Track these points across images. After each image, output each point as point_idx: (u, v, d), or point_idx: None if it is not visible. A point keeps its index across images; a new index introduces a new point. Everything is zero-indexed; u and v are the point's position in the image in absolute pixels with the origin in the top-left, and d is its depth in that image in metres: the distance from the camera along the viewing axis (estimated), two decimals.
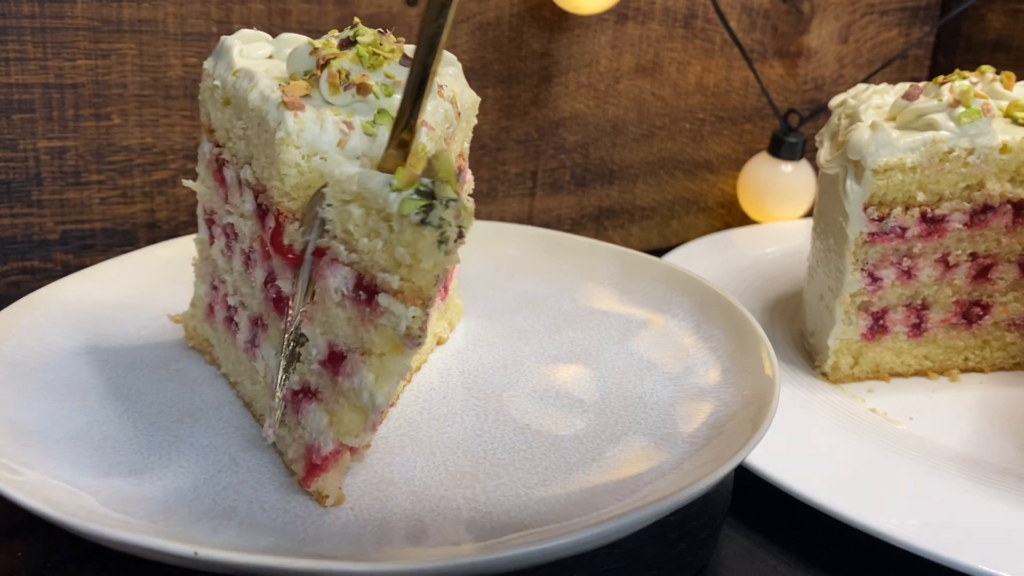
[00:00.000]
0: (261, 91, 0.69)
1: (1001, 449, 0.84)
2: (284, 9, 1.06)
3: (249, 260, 0.75)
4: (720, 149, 1.39)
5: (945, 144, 0.89)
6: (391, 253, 0.59)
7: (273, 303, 0.72)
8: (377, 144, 0.67)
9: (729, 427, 0.72)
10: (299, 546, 0.62)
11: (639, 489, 0.67)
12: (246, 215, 0.74)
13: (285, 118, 0.66)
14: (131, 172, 1.06)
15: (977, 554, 0.68)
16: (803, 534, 0.76)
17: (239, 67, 0.73)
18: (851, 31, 1.43)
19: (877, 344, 0.95)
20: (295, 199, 0.68)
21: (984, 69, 0.96)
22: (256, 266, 0.74)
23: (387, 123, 0.67)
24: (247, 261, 0.76)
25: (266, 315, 0.74)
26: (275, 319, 0.72)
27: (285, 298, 0.70)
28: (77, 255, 1.06)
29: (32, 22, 0.97)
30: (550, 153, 1.28)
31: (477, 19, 1.17)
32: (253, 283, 0.75)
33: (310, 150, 0.66)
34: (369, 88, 0.68)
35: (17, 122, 1.00)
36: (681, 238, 1.39)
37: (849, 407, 0.90)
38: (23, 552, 0.67)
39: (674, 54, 1.30)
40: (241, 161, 0.74)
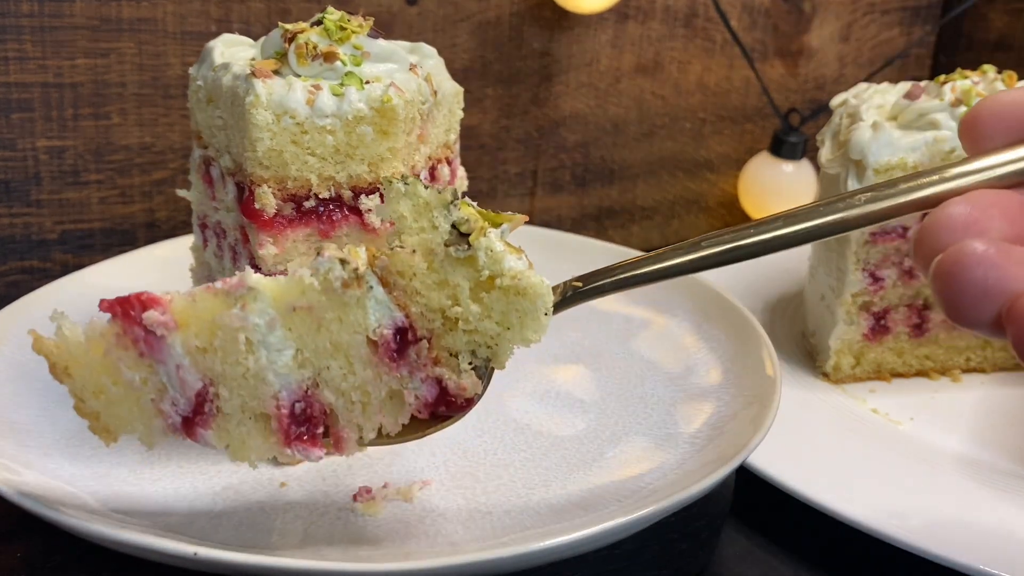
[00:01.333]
0: (234, 73, 0.72)
1: (1003, 449, 0.84)
2: (284, 8, 1.06)
3: (236, 254, 0.76)
4: (721, 149, 1.39)
5: (947, 143, 0.89)
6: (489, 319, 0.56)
7: None
8: (346, 103, 0.70)
9: (730, 427, 0.72)
10: (298, 546, 0.62)
11: (640, 490, 0.67)
12: (229, 206, 0.75)
13: (254, 84, 0.68)
14: (130, 171, 1.05)
15: (979, 554, 0.68)
16: (804, 535, 0.76)
17: (219, 63, 0.75)
18: (852, 30, 1.42)
19: (878, 344, 0.95)
20: (267, 167, 0.69)
21: (986, 68, 0.96)
22: (241, 258, 0.75)
23: (355, 84, 0.70)
24: (234, 256, 0.76)
25: None
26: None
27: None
28: (76, 255, 1.05)
29: (31, 21, 0.97)
30: (550, 152, 1.27)
31: (477, 18, 1.17)
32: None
33: (280, 109, 0.68)
34: (336, 55, 0.70)
35: (16, 121, 0.99)
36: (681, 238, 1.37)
37: (850, 407, 0.90)
38: (22, 552, 0.67)
39: (675, 53, 1.30)
40: (221, 151, 0.75)
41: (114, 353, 0.55)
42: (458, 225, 0.54)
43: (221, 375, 0.55)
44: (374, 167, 0.72)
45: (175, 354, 0.54)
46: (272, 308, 0.54)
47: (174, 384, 0.55)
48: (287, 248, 0.72)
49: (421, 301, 0.55)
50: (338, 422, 0.57)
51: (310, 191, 0.72)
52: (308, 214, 0.72)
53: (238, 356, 0.54)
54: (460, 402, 0.57)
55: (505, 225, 0.56)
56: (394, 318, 0.55)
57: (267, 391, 0.55)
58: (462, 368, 0.56)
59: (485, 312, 0.55)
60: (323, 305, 0.55)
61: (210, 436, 0.56)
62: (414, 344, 0.56)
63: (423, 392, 0.56)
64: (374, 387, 0.56)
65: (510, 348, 0.56)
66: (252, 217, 0.71)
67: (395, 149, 0.71)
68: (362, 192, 0.72)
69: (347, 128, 0.70)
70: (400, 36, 1.06)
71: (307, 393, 0.56)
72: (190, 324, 0.55)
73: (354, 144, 0.71)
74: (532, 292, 0.54)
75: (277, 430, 0.56)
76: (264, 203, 0.70)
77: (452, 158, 0.84)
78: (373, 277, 0.55)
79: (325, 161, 0.71)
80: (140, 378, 0.55)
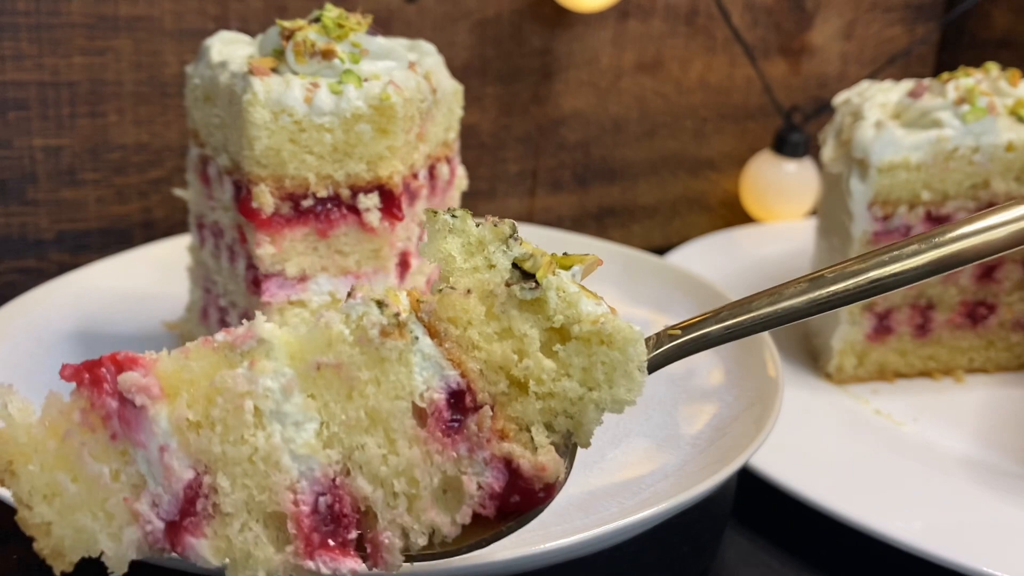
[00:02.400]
0: (231, 71, 0.72)
1: (1006, 450, 0.83)
2: (281, 6, 1.05)
3: (232, 253, 0.76)
4: (722, 147, 1.38)
5: (950, 142, 0.88)
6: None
7: (253, 286, 0.72)
8: (344, 101, 0.69)
9: (732, 429, 0.71)
10: None
11: (641, 492, 0.66)
12: (226, 205, 0.75)
13: (252, 82, 0.68)
14: (127, 171, 1.05)
15: (982, 556, 0.67)
16: (807, 537, 0.75)
17: (216, 61, 0.74)
18: (855, 28, 1.42)
19: (882, 345, 0.94)
20: (265, 166, 0.69)
21: (989, 66, 0.95)
22: (238, 257, 0.75)
23: (354, 82, 0.69)
24: (231, 255, 0.76)
25: (252, 308, 0.74)
26: (258, 305, 0.73)
27: (262, 278, 0.71)
28: (73, 254, 1.05)
29: (27, 19, 0.96)
30: (551, 151, 1.27)
31: (477, 16, 1.16)
32: (237, 275, 0.76)
33: (278, 107, 0.68)
34: (334, 53, 0.70)
35: (12, 120, 0.99)
36: (683, 237, 1.38)
37: (853, 408, 0.89)
38: (19, 555, 0.67)
39: (676, 51, 1.29)
40: (218, 149, 0.75)
41: (76, 437, 0.42)
42: (520, 263, 0.44)
43: (220, 460, 0.43)
44: (373, 166, 0.71)
45: (159, 432, 0.42)
46: (289, 366, 0.43)
47: (156, 474, 0.42)
48: (285, 247, 0.72)
49: (480, 356, 0.44)
50: (377, 523, 0.43)
51: (308, 190, 0.71)
52: (306, 213, 0.72)
53: (243, 432, 0.42)
54: (538, 490, 0.44)
55: (577, 267, 0.46)
56: (446, 378, 0.43)
57: (282, 481, 0.43)
58: (537, 443, 0.44)
59: (562, 369, 0.44)
60: (356, 362, 0.43)
61: (203, 547, 0.43)
62: (473, 412, 0.43)
63: (488, 478, 0.43)
64: (423, 473, 0.43)
65: (597, 415, 0.45)
66: (249, 216, 0.70)
67: (394, 148, 0.71)
68: (361, 191, 0.72)
69: (345, 126, 0.70)
70: (399, 33, 1.05)
71: (335, 483, 0.43)
72: (181, 390, 0.43)
73: (352, 142, 0.70)
74: (620, 339, 0.44)
75: (296, 536, 0.43)
76: (262, 202, 0.70)
77: (452, 157, 0.83)
78: (419, 325, 0.43)
79: (323, 160, 0.71)
80: (111, 470, 0.42)
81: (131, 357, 0.43)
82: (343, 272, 0.73)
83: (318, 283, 0.73)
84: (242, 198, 0.71)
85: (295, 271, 0.72)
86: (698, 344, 0.48)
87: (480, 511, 0.44)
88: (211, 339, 0.44)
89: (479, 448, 0.43)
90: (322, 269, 0.73)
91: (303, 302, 0.73)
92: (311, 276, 0.73)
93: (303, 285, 0.73)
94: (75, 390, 0.43)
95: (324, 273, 0.73)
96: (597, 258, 0.46)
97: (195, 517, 0.43)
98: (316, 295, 0.73)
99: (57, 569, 0.43)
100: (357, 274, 0.74)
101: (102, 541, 0.42)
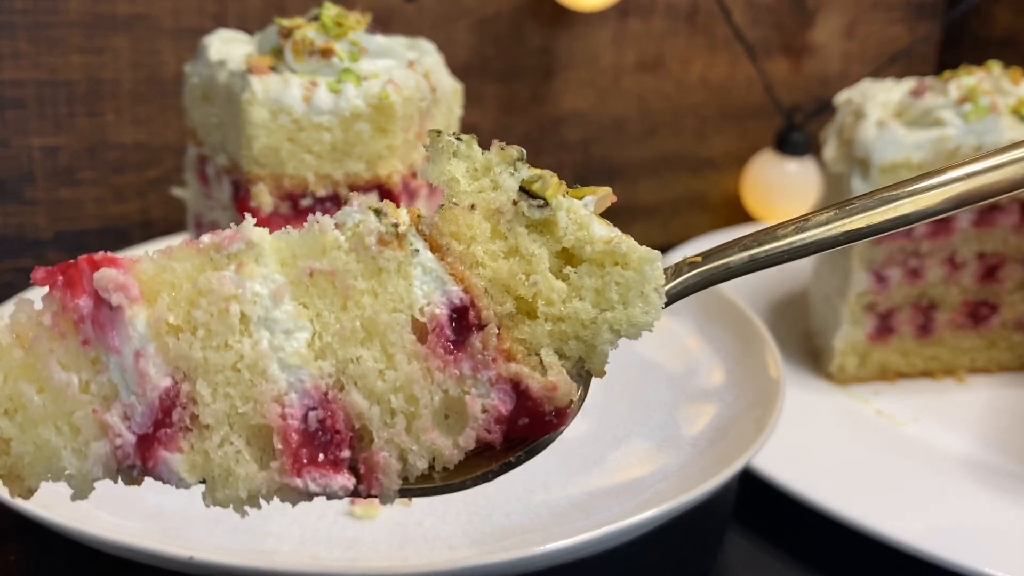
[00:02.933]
0: (230, 70, 0.71)
1: (1008, 451, 0.83)
2: (280, 4, 1.05)
3: None
4: (723, 146, 1.38)
5: (952, 141, 0.88)
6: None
7: None
8: (343, 100, 0.68)
9: (733, 430, 0.71)
10: (295, 550, 0.61)
11: (642, 493, 0.66)
12: (225, 205, 0.75)
13: (250, 81, 0.68)
14: (125, 170, 1.05)
15: (983, 557, 0.67)
16: (808, 537, 0.75)
17: (214, 60, 0.74)
18: (856, 27, 1.41)
19: (883, 345, 0.94)
20: (263, 165, 0.69)
21: (991, 65, 0.95)
22: None
23: (353, 81, 0.69)
24: None
25: None
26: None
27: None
28: (71, 254, 1.04)
29: (25, 18, 0.96)
30: (551, 151, 1.26)
31: (476, 14, 1.16)
32: None
33: (276, 106, 0.68)
34: (333, 52, 0.70)
35: (10, 119, 0.98)
36: (684, 236, 1.37)
37: (855, 409, 0.89)
38: (16, 556, 0.66)
39: (677, 50, 1.29)
40: (217, 148, 0.74)
41: (44, 344, 0.38)
42: (528, 185, 0.42)
43: (201, 366, 0.39)
44: (372, 165, 0.71)
45: (136, 335, 0.38)
46: (280, 272, 0.40)
47: (130, 382, 0.38)
48: None
49: (485, 274, 0.41)
50: (372, 442, 0.40)
51: (307, 189, 0.71)
52: (305, 212, 0.72)
53: (228, 337, 0.39)
54: (548, 413, 0.40)
55: (589, 198, 0.43)
56: (448, 293, 0.40)
57: (268, 391, 0.39)
58: (547, 363, 0.40)
59: (573, 291, 0.41)
60: (351, 270, 0.40)
61: (178, 462, 0.39)
62: (477, 330, 0.40)
63: (494, 400, 0.40)
64: (423, 390, 0.40)
65: (611, 338, 0.41)
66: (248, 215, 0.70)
67: (393, 147, 0.71)
68: (360, 190, 0.71)
69: (344, 125, 0.69)
70: (398, 32, 1.05)
71: (327, 397, 0.40)
72: (161, 293, 0.39)
73: (351, 142, 0.70)
74: (636, 258, 0.41)
75: (282, 451, 0.39)
76: (260, 201, 0.70)
77: None
78: (419, 238, 0.40)
79: (322, 159, 0.70)
80: (80, 380, 0.39)
81: (109, 257, 0.39)
82: None
83: None
84: (241, 197, 0.71)
85: None
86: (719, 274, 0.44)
87: (485, 436, 0.40)
88: (196, 241, 0.40)
89: (484, 368, 0.40)
90: None
91: None
92: None
93: None
94: (47, 294, 0.39)
95: None
96: (610, 191, 0.43)
97: (170, 429, 0.39)
98: None
99: (13, 494, 0.39)
100: None
101: (66, 458, 0.39)
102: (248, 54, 0.74)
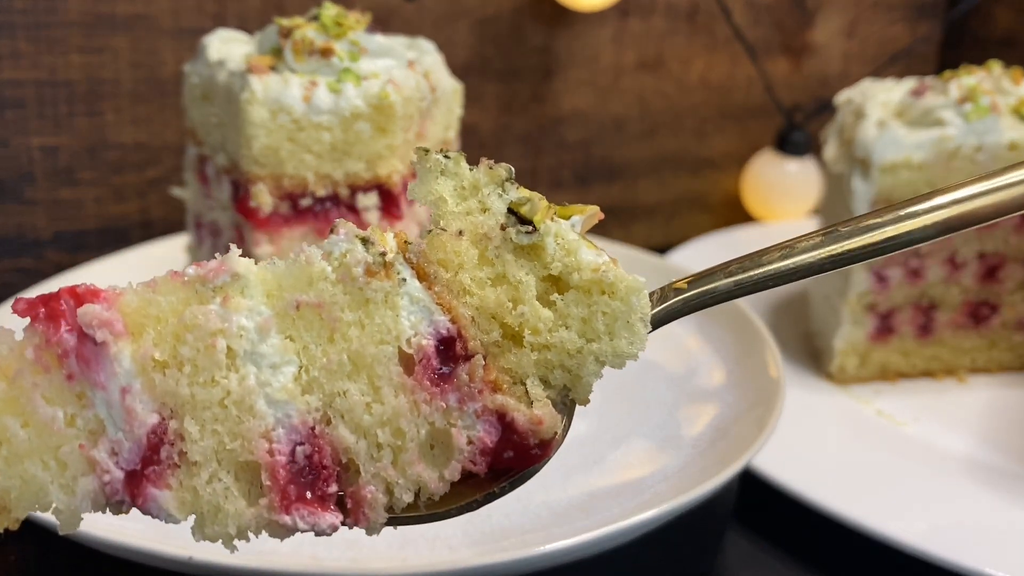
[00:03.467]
0: (229, 70, 0.71)
1: (1008, 451, 0.83)
2: (279, 4, 1.05)
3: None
4: (724, 146, 1.38)
5: (953, 141, 0.88)
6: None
7: None
8: (343, 100, 0.68)
9: (733, 430, 0.71)
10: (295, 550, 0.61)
11: (641, 493, 0.66)
12: (224, 205, 0.75)
13: (250, 80, 0.68)
14: (124, 170, 1.04)
15: (984, 557, 0.67)
16: (808, 537, 0.75)
17: (214, 60, 0.74)
18: (857, 27, 1.41)
19: (884, 345, 0.94)
20: (263, 165, 0.69)
21: (992, 65, 0.95)
22: None
23: (352, 81, 0.69)
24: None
25: None
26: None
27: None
28: (70, 254, 1.04)
29: (24, 17, 0.96)
30: (551, 150, 1.26)
31: (476, 14, 1.16)
32: None
33: (276, 106, 0.68)
34: (332, 51, 0.70)
35: (9, 119, 0.98)
36: (684, 236, 1.37)
37: (855, 409, 0.88)
38: (16, 557, 0.66)
39: (677, 50, 1.29)
40: (216, 148, 0.74)
41: (28, 377, 0.38)
42: (516, 207, 0.41)
43: (188, 403, 0.39)
44: (372, 165, 0.71)
45: (121, 372, 0.38)
46: (266, 304, 0.40)
47: (117, 419, 0.38)
48: (283, 247, 0.71)
49: (472, 302, 0.41)
50: (359, 476, 0.40)
51: (306, 189, 0.71)
52: (304, 212, 0.71)
53: (214, 373, 0.39)
54: (533, 446, 0.40)
55: (576, 217, 0.43)
56: (436, 323, 0.40)
57: (256, 427, 0.39)
58: (533, 395, 0.40)
59: (559, 319, 0.41)
60: (338, 302, 0.40)
61: (167, 499, 0.39)
62: (464, 361, 0.40)
63: (479, 432, 0.40)
64: (410, 423, 0.40)
65: (596, 369, 0.41)
66: (247, 215, 0.70)
67: (393, 146, 0.71)
68: (359, 190, 0.71)
69: (344, 125, 0.69)
70: (398, 32, 1.05)
71: (314, 432, 0.40)
72: (146, 327, 0.39)
73: (351, 141, 0.70)
74: (623, 288, 0.41)
75: (270, 488, 0.39)
76: (260, 201, 0.69)
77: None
78: (406, 267, 0.40)
79: (322, 158, 0.70)
80: (65, 414, 0.38)
81: (92, 290, 0.38)
82: None
83: None
84: (240, 197, 0.71)
85: None
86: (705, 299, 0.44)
87: (471, 468, 0.40)
88: (180, 272, 0.40)
89: (470, 399, 0.40)
90: None
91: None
92: None
93: None
94: (28, 326, 0.38)
95: None
96: (597, 210, 0.43)
97: (159, 466, 0.39)
98: None
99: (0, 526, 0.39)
100: None
101: (53, 493, 0.39)
102: (248, 54, 0.74)
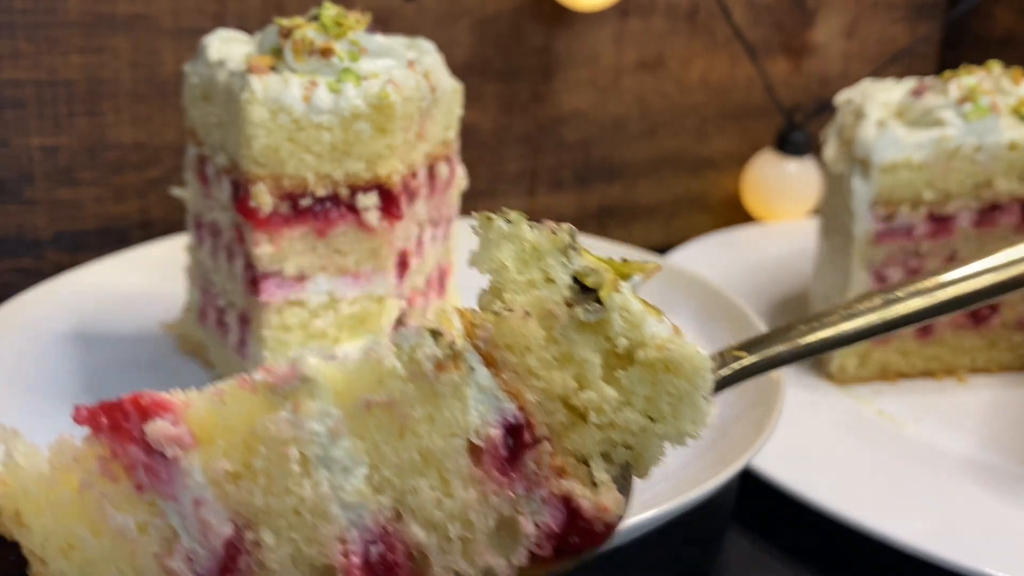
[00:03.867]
0: (229, 70, 0.71)
1: (1009, 451, 0.82)
2: (279, 4, 1.05)
3: (231, 253, 0.76)
4: (724, 146, 1.38)
5: (953, 141, 0.88)
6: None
7: (251, 285, 0.72)
8: (343, 100, 0.68)
9: (733, 430, 0.71)
10: None
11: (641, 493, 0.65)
12: (224, 205, 0.75)
13: (250, 80, 0.68)
14: (124, 170, 1.04)
15: (984, 557, 0.67)
16: (808, 538, 0.75)
17: (214, 60, 0.74)
18: (856, 26, 1.41)
19: (884, 345, 0.94)
20: (263, 165, 0.69)
21: (992, 65, 0.95)
22: (236, 256, 0.74)
23: (352, 81, 0.69)
24: (229, 255, 0.76)
25: (250, 308, 0.74)
26: (256, 305, 0.72)
27: (260, 277, 0.70)
28: (70, 254, 1.04)
29: (24, 17, 0.96)
30: (551, 150, 1.26)
31: (476, 14, 1.15)
32: (235, 275, 0.75)
33: (276, 106, 0.68)
34: (332, 51, 0.70)
35: (9, 119, 0.98)
36: (684, 236, 1.37)
37: (855, 409, 0.88)
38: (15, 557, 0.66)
39: (677, 50, 1.29)
40: (216, 148, 0.74)
41: (97, 488, 0.39)
42: (581, 277, 0.41)
43: (263, 512, 0.39)
44: (372, 165, 0.71)
45: (193, 484, 0.39)
46: (336, 406, 0.39)
47: (191, 529, 0.39)
48: (283, 247, 0.71)
49: (538, 386, 0.40)
50: (430, 569, 0.40)
51: (307, 189, 0.71)
52: (304, 212, 0.71)
53: (288, 482, 0.39)
54: (598, 529, 0.40)
55: (636, 276, 0.42)
56: (503, 411, 0.40)
57: (330, 531, 0.39)
58: (598, 479, 0.40)
59: (624, 397, 0.40)
60: (409, 398, 0.40)
61: None
62: (532, 448, 0.40)
63: (546, 517, 0.40)
64: (479, 515, 0.40)
65: (659, 448, 0.41)
66: (247, 215, 0.70)
67: (393, 147, 0.71)
68: (359, 190, 0.71)
69: (344, 125, 0.69)
70: (398, 32, 1.04)
71: (386, 530, 0.40)
72: (216, 438, 0.39)
73: (351, 141, 0.70)
74: (688, 367, 0.40)
75: None
76: (260, 201, 0.69)
77: (451, 156, 0.83)
78: (474, 355, 0.40)
79: (322, 159, 0.70)
80: (137, 523, 0.39)
81: (157, 401, 0.38)
82: (341, 272, 0.73)
83: (316, 283, 0.73)
84: (240, 197, 0.71)
85: (293, 271, 0.72)
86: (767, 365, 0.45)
87: (536, 551, 0.40)
88: (248, 379, 0.40)
89: (537, 487, 0.40)
90: (321, 269, 0.73)
91: (301, 302, 0.73)
92: (309, 276, 0.73)
93: (301, 285, 0.73)
94: (90, 435, 0.39)
95: (323, 273, 0.73)
96: (658, 265, 0.42)
97: (237, 574, 0.39)
98: (314, 295, 0.73)
99: None
100: (356, 274, 0.73)
101: None
102: (248, 54, 0.74)
